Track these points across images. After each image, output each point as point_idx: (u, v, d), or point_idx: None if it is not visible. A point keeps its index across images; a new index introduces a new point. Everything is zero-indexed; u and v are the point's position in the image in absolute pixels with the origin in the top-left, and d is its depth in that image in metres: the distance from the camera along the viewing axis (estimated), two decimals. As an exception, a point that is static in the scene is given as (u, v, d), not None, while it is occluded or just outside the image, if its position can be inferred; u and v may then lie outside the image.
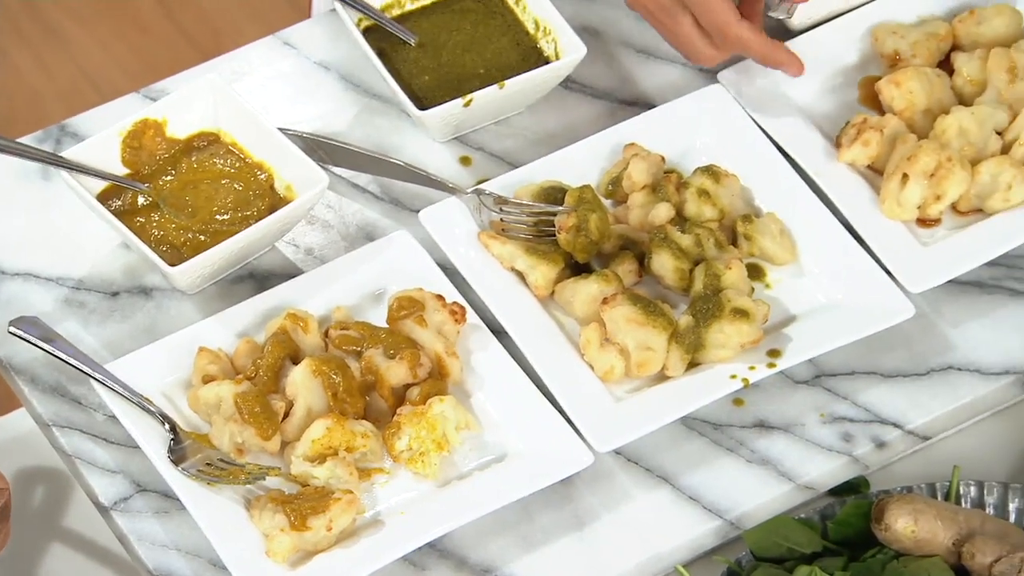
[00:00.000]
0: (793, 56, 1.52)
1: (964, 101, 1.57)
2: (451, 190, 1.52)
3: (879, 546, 1.42)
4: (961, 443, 1.50)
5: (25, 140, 1.56)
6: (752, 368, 1.45)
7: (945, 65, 1.60)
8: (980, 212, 1.53)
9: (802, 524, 1.42)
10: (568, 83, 1.61)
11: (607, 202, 1.54)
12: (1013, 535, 1.41)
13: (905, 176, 1.51)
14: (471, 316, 1.47)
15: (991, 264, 1.52)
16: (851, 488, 1.47)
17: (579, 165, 1.54)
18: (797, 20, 1.60)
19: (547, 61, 1.59)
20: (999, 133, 1.55)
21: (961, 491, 1.44)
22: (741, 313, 1.45)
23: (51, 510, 1.51)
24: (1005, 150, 1.54)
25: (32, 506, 1.52)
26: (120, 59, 2.78)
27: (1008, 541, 1.40)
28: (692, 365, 1.46)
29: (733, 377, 1.45)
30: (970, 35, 1.59)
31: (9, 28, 2.79)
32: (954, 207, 1.54)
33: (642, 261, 1.50)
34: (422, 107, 1.55)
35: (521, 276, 1.50)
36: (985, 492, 1.44)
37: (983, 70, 1.56)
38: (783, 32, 1.62)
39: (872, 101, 1.59)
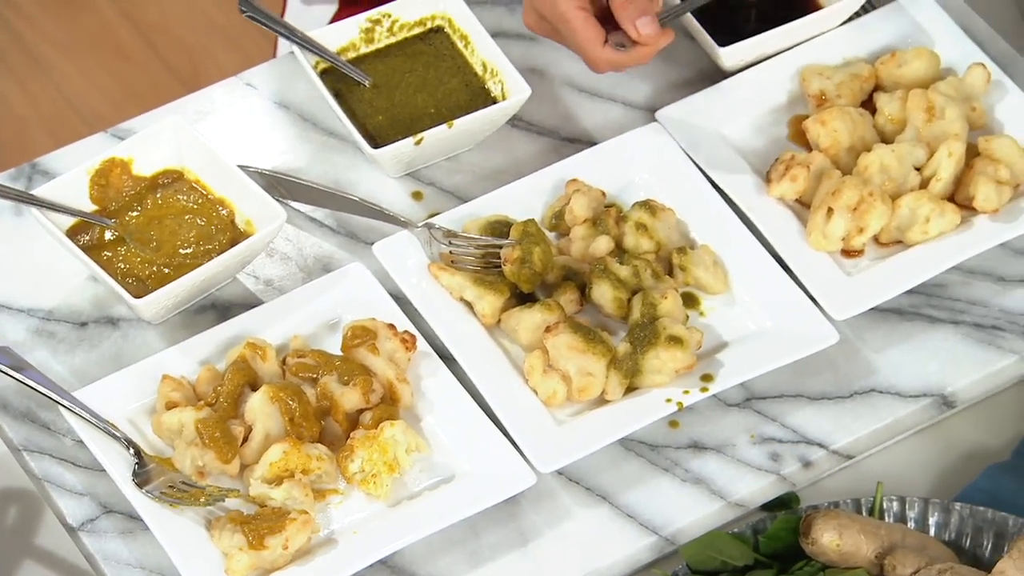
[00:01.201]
0: (660, 42, 1.49)
1: (885, 139, 1.59)
2: (403, 224, 1.53)
3: (807, 559, 1.43)
4: (887, 460, 1.52)
5: (-3, 178, 1.57)
6: (686, 392, 1.46)
7: (868, 105, 1.61)
8: (900, 243, 1.55)
9: (735, 538, 1.43)
10: (514, 121, 1.62)
11: (551, 235, 1.55)
12: (932, 548, 1.43)
13: (830, 210, 1.52)
14: (421, 344, 1.48)
15: (911, 293, 1.54)
16: (782, 503, 1.48)
17: (524, 200, 1.56)
18: (730, 62, 1.61)
19: (494, 101, 1.60)
20: (918, 169, 1.56)
21: (884, 506, 1.46)
22: (676, 340, 1.46)
23: (22, 530, 1.51)
24: (923, 185, 1.56)
25: (4, 526, 1.52)
26: (102, 87, 2.78)
27: (927, 554, 1.42)
28: (630, 389, 1.47)
29: (668, 401, 1.46)
30: (891, 76, 1.61)
31: (-5, 59, 2.80)
32: (876, 239, 1.55)
33: (583, 291, 1.51)
34: (376, 145, 1.56)
35: (469, 306, 1.51)
36: (907, 507, 1.45)
37: (903, 110, 1.58)
38: (717, 73, 1.63)
39: (800, 138, 1.60)
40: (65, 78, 2.79)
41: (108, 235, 1.51)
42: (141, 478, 1.40)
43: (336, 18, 1.85)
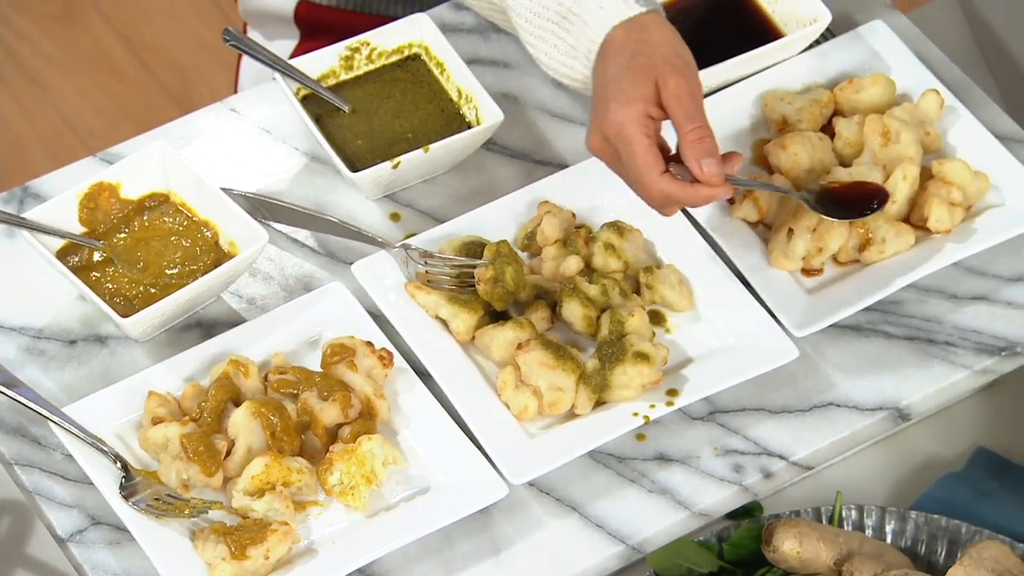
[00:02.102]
0: (719, 189, 1.41)
1: (844, 162, 1.60)
2: (381, 245, 1.55)
3: (769, 565, 1.45)
4: (845, 471, 1.53)
5: (-10, 202, 1.58)
6: (653, 406, 1.47)
7: (827, 129, 1.62)
8: (858, 263, 1.56)
9: (700, 546, 1.45)
10: (489, 145, 1.64)
11: (523, 255, 1.56)
12: (888, 555, 1.44)
13: (791, 230, 1.54)
14: (398, 360, 1.49)
15: (868, 310, 1.55)
16: (746, 512, 1.50)
17: (497, 221, 1.57)
18: (695, 88, 1.63)
19: (469, 126, 1.61)
20: (875, 191, 1.58)
21: (843, 514, 1.47)
22: (642, 356, 1.47)
23: (14, 541, 1.52)
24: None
25: (-3, 537, 1.53)
26: (96, 104, 2.79)
27: (883, 560, 1.43)
28: (599, 404, 1.49)
29: (635, 415, 1.47)
30: (849, 102, 1.62)
31: (-7, 78, 2.81)
32: (835, 258, 1.56)
33: (554, 309, 1.53)
34: (355, 169, 1.58)
35: (444, 323, 1.52)
36: (865, 515, 1.47)
37: (860, 134, 1.59)
38: (683, 98, 1.65)
39: (762, 162, 1.61)
40: (61, 95, 2.80)
41: (97, 256, 1.52)
42: (128, 491, 1.41)
43: (297, 52, 1.85)
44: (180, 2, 2.88)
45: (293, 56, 1.83)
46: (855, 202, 1.51)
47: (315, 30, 1.83)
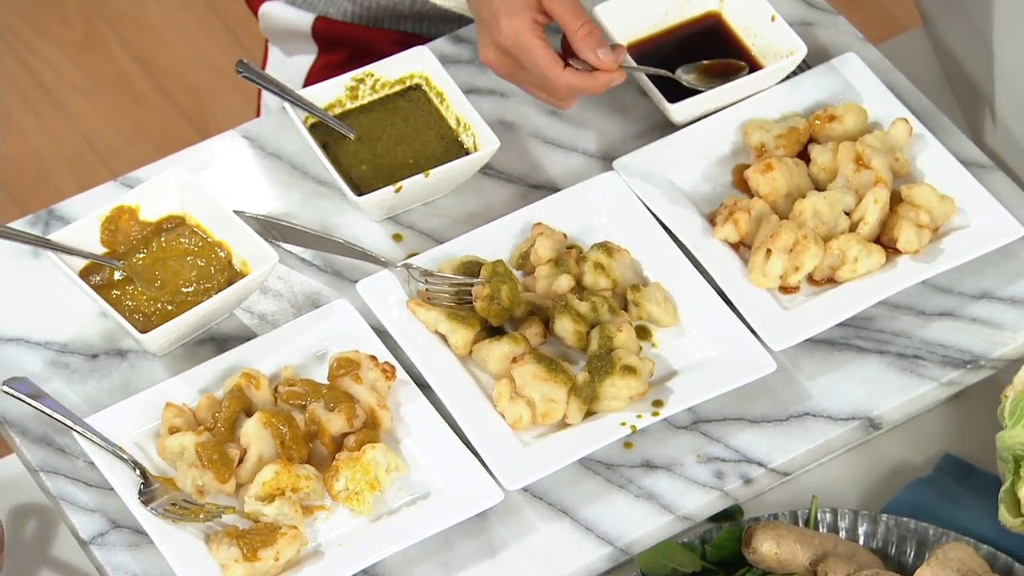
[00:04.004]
0: (615, 74, 1.50)
1: (819, 186, 1.62)
2: (384, 264, 1.56)
3: (749, 566, 1.46)
4: (820, 476, 1.54)
5: (17, 224, 1.59)
6: (639, 416, 1.49)
7: (803, 155, 1.64)
8: (832, 281, 1.57)
9: (685, 547, 1.46)
10: (485, 170, 1.65)
11: (517, 273, 1.58)
12: (861, 555, 1.46)
13: (769, 251, 1.55)
14: (400, 373, 1.50)
15: (841, 325, 1.56)
16: (727, 515, 1.51)
17: (494, 242, 1.58)
18: (679, 117, 1.64)
19: (467, 152, 1.63)
20: (848, 214, 1.59)
21: (818, 517, 1.48)
22: (630, 369, 1.49)
23: (40, 543, 1.53)
24: (852, 228, 1.59)
25: (23, 539, 1.54)
26: (117, 125, 2.81)
27: (856, 561, 1.45)
28: (589, 414, 1.50)
29: (623, 424, 1.48)
30: (824, 130, 1.63)
31: (18, 99, 2.82)
32: (810, 277, 1.58)
33: (547, 325, 1.54)
34: (360, 193, 1.59)
35: (443, 338, 1.53)
36: (839, 518, 1.48)
37: (835, 160, 1.61)
38: (668, 126, 1.66)
39: (742, 186, 1.63)
40: (82, 117, 2.82)
41: (117, 275, 1.54)
42: (146, 496, 1.42)
43: (316, 66, 1.87)
44: (195, 29, 2.90)
45: (313, 69, 1.85)
46: (720, 74, 1.60)
47: (332, 44, 1.85)
